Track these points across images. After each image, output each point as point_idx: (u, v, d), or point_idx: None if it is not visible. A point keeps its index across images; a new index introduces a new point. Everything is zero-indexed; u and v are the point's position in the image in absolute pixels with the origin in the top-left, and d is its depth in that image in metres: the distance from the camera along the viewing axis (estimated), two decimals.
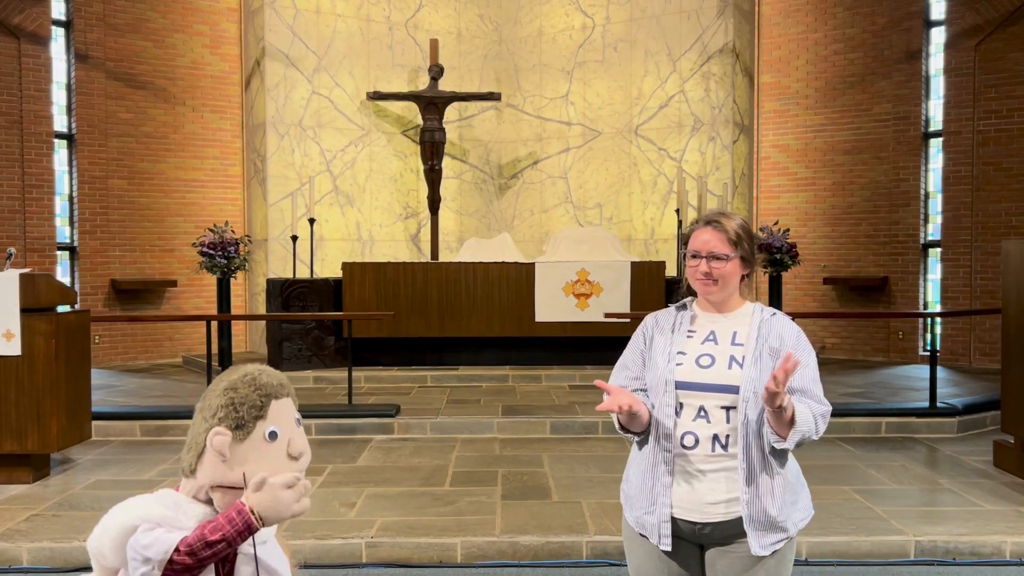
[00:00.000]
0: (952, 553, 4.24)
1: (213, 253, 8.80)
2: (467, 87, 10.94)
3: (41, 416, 5.22)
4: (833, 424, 6.66)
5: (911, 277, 10.18)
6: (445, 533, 4.33)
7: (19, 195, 9.37)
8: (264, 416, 1.53)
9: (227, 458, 1.50)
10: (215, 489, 1.52)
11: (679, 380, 2.14)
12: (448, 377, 8.58)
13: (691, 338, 2.21)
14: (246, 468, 1.50)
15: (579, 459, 5.88)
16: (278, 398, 1.56)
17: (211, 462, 1.52)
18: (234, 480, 1.50)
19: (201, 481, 1.53)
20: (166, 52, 10.40)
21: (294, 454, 1.54)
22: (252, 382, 1.56)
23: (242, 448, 1.51)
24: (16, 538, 4.27)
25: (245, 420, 1.52)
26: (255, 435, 1.52)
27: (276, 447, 1.52)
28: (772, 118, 10.97)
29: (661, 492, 2.13)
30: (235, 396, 1.54)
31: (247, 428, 1.52)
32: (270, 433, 1.52)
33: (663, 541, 2.14)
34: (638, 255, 10.04)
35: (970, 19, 9.61)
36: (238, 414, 1.52)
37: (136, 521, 1.49)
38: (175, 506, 1.52)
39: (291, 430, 1.56)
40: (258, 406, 1.53)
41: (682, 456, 2.13)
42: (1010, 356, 5.56)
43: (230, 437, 1.50)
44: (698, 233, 2.22)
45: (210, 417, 1.54)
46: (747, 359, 2.13)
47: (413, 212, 11.03)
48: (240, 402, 1.53)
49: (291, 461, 1.53)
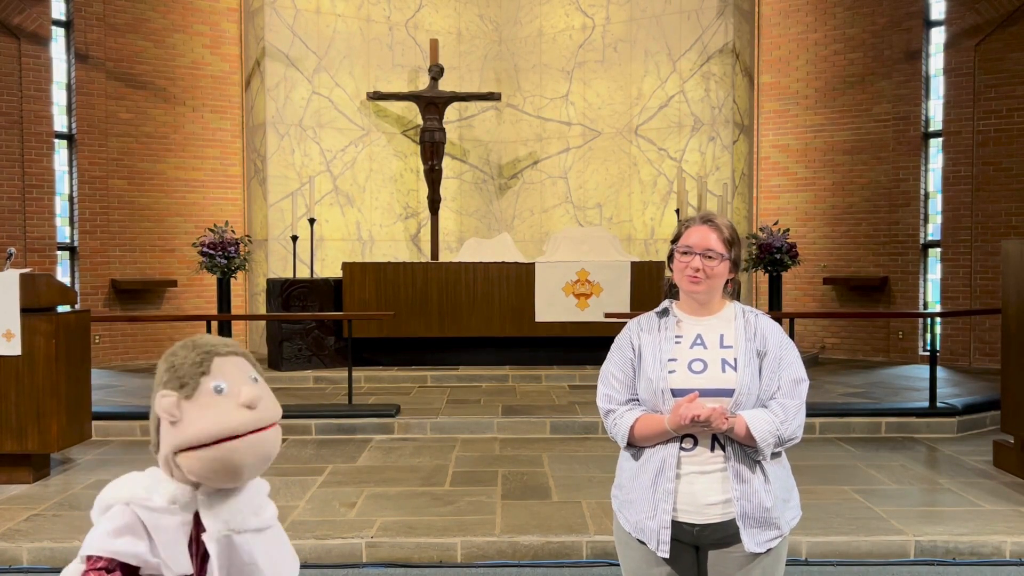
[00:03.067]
0: (952, 553, 4.24)
1: (213, 253, 8.80)
2: (467, 87, 10.94)
3: (41, 416, 5.22)
4: (833, 424, 6.68)
5: (911, 277, 10.18)
6: (445, 533, 4.33)
7: (19, 195, 9.37)
8: (208, 372, 1.50)
9: (178, 418, 1.47)
10: (178, 455, 1.47)
11: (675, 388, 2.14)
12: (448, 377, 8.58)
13: (679, 343, 2.20)
14: (197, 424, 1.45)
15: (579, 459, 5.88)
16: (221, 355, 1.53)
17: (165, 428, 1.49)
18: (192, 437, 1.45)
19: (164, 451, 1.50)
20: (166, 52, 10.40)
21: (247, 403, 1.48)
22: (190, 344, 1.55)
23: (190, 405, 1.47)
24: (16, 538, 4.27)
25: (187, 378, 1.49)
26: (201, 391, 1.48)
27: (225, 399, 1.48)
28: (772, 118, 10.97)
29: (663, 498, 2.13)
30: (175, 360, 1.52)
31: (191, 385, 1.48)
32: (215, 387, 1.48)
33: (661, 548, 2.13)
34: (638, 255, 10.03)
35: (970, 19, 9.61)
36: (179, 374, 1.50)
37: (112, 499, 1.48)
38: (154, 483, 1.50)
39: (242, 383, 1.51)
40: (198, 363, 1.50)
41: (682, 460, 2.14)
42: (1010, 356, 5.56)
43: (176, 397, 1.48)
44: (692, 230, 2.22)
45: (156, 386, 1.52)
46: (740, 361, 2.14)
47: (413, 212, 11.03)
48: (180, 363, 1.51)
49: (244, 411, 1.48)
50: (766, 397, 2.15)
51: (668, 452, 2.13)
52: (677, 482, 2.13)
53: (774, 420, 2.09)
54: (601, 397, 2.27)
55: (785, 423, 2.10)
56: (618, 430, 2.21)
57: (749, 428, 2.07)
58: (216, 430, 1.44)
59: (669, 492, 2.12)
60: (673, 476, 2.12)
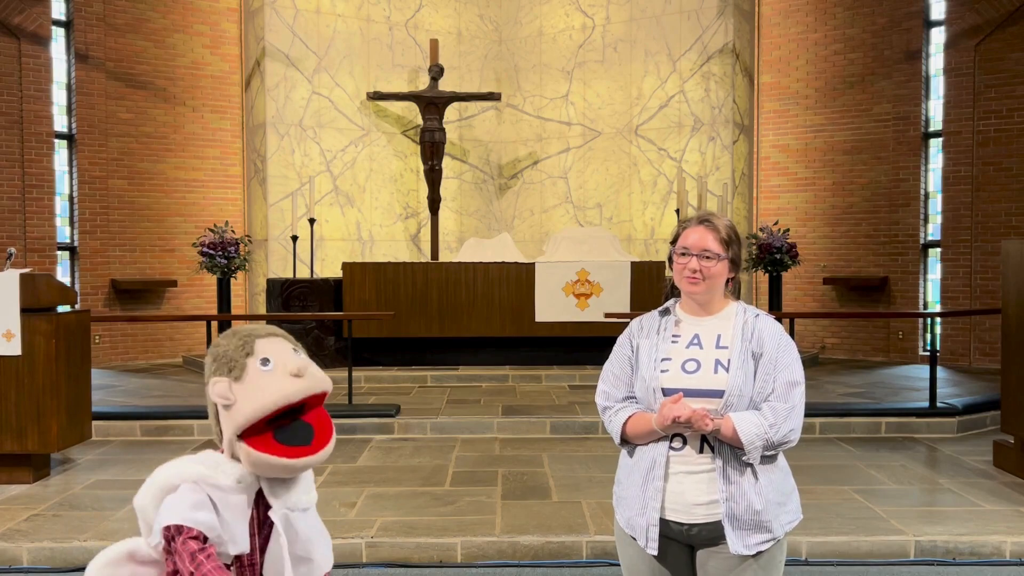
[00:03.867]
0: (952, 553, 4.24)
1: (213, 253, 8.81)
2: (467, 87, 10.94)
3: (41, 416, 5.22)
4: (833, 424, 6.68)
5: (911, 277, 10.18)
6: (445, 533, 4.33)
7: (19, 195, 9.38)
8: (252, 352, 1.57)
9: (232, 400, 1.53)
10: (241, 441, 1.54)
11: (665, 387, 2.14)
12: (448, 377, 8.58)
13: (676, 343, 2.20)
14: (254, 397, 1.52)
15: (579, 459, 5.88)
16: (262, 337, 1.61)
17: (223, 414, 1.56)
18: (251, 413, 1.52)
19: (228, 435, 1.57)
20: (166, 52, 10.40)
21: (295, 371, 1.56)
22: (230, 333, 1.63)
23: (242, 386, 1.54)
24: (16, 538, 4.27)
25: (233, 361, 1.56)
26: (250, 370, 1.55)
27: (274, 371, 1.55)
28: (772, 118, 10.97)
29: (652, 496, 2.13)
30: (218, 350, 1.59)
31: (239, 366, 1.55)
32: (262, 360, 1.55)
33: (650, 545, 2.14)
34: (638, 255, 10.04)
35: (970, 19, 9.61)
36: (225, 359, 1.57)
37: (176, 479, 1.53)
38: (215, 464, 1.57)
39: (286, 355, 1.59)
40: (241, 346, 1.57)
41: (671, 459, 2.14)
42: (1010, 356, 5.56)
43: (227, 381, 1.54)
44: (689, 231, 2.22)
45: (208, 378, 1.59)
46: (733, 363, 2.13)
47: (413, 212, 11.03)
48: (224, 351, 1.58)
49: (295, 379, 1.56)
50: (759, 399, 2.12)
51: (658, 451, 2.14)
52: (666, 482, 2.13)
53: (763, 423, 2.07)
54: (599, 394, 2.30)
55: (775, 427, 2.07)
56: (612, 427, 2.24)
57: (736, 430, 2.05)
58: (271, 400, 1.52)
59: (658, 490, 2.13)
60: (662, 475, 2.13)
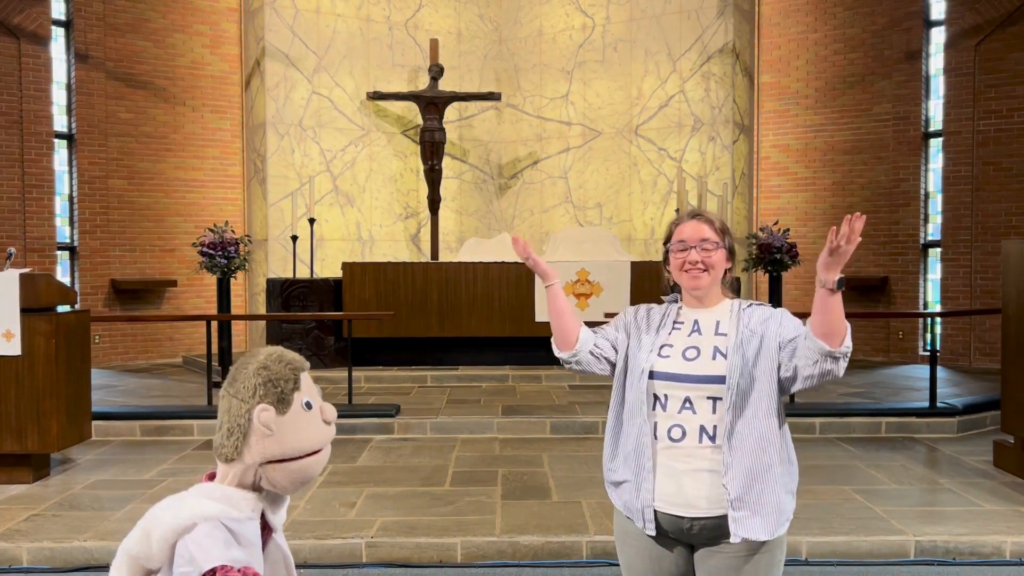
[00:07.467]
0: (952, 553, 4.24)
1: (213, 253, 8.79)
2: (467, 87, 10.94)
3: (41, 416, 5.22)
4: (833, 424, 6.68)
5: (911, 277, 10.18)
6: (445, 533, 4.33)
7: (19, 195, 9.37)
8: (299, 388, 1.63)
9: (274, 432, 1.58)
10: (265, 466, 1.60)
11: (667, 371, 2.14)
12: (448, 377, 8.58)
13: (678, 330, 2.22)
14: (292, 438, 1.60)
15: (579, 459, 5.88)
16: (304, 370, 1.67)
17: (259, 440, 1.59)
18: (289, 450, 1.59)
19: (249, 461, 1.60)
20: (166, 52, 10.40)
21: (328, 419, 1.65)
22: (280, 359, 1.65)
23: (285, 420, 1.60)
24: (16, 538, 4.26)
25: (285, 393, 1.60)
26: (295, 407, 1.61)
27: (313, 415, 1.63)
28: (772, 118, 10.97)
29: (645, 478, 2.13)
30: (270, 374, 1.61)
31: (287, 401, 1.60)
32: (306, 403, 1.62)
33: (648, 526, 2.14)
34: (638, 255, 10.03)
35: (970, 19, 9.61)
36: (277, 389, 1.60)
37: (192, 520, 1.53)
38: (224, 498, 1.58)
39: (319, 398, 1.67)
40: (293, 379, 1.62)
41: (669, 449, 2.11)
42: (1010, 356, 5.56)
43: (274, 411, 1.59)
44: (683, 226, 2.24)
45: (249, 398, 1.60)
46: (730, 348, 2.13)
47: (413, 212, 11.03)
48: (276, 378, 1.61)
49: (327, 426, 1.66)
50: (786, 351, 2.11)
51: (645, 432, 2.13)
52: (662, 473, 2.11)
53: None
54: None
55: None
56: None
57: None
58: (309, 444, 1.62)
59: (649, 471, 2.12)
60: (651, 456, 2.12)
